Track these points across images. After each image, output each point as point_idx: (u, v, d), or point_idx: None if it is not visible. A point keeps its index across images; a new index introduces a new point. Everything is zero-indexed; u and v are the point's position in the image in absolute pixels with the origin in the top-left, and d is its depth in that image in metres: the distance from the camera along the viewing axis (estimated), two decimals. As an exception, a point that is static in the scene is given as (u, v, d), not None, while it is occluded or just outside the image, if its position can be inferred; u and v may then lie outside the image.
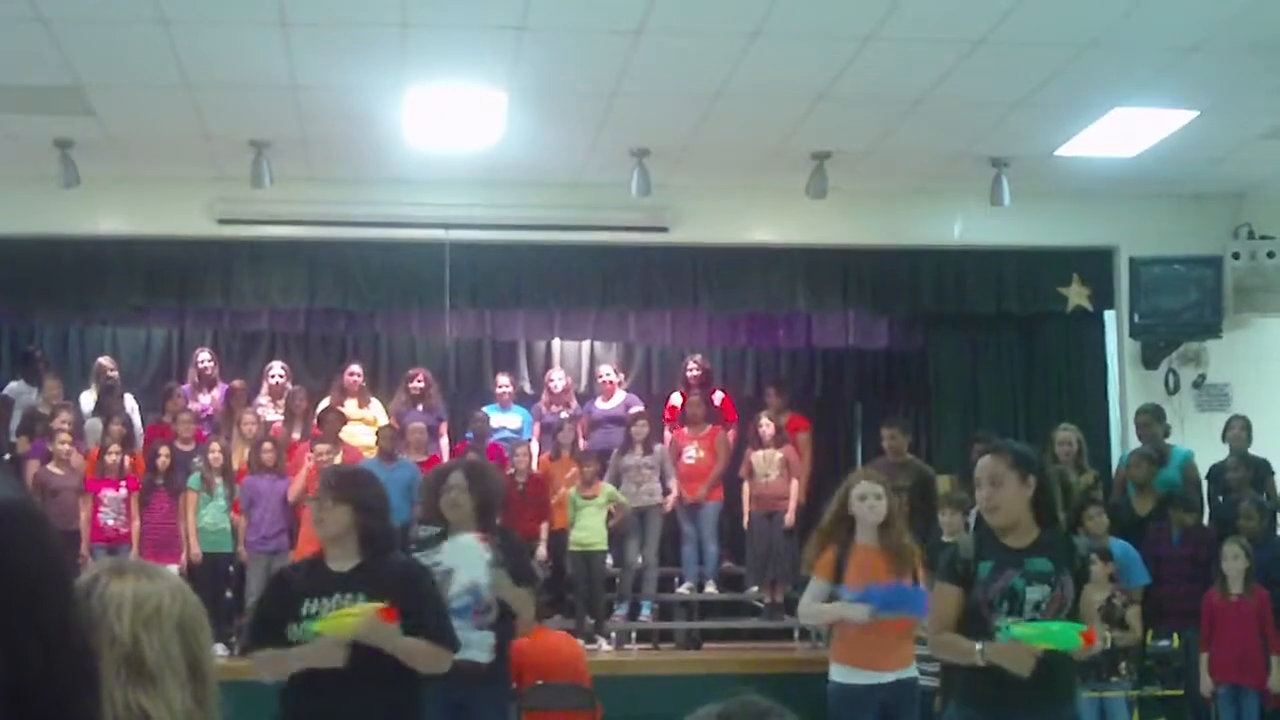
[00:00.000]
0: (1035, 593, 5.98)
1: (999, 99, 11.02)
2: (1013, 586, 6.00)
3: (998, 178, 12.59)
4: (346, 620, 5.66)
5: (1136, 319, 13.85)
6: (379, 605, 5.70)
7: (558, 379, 14.57)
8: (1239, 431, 12.60)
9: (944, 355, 14.80)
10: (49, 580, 1.66)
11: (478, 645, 7.06)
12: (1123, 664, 10.57)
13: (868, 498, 7.91)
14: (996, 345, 14.65)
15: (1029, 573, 6.02)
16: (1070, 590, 6.06)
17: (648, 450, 13.41)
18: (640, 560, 13.30)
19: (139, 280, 13.62)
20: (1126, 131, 11.84)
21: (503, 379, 14.61)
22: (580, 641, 11.58)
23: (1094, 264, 14.21)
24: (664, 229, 13.57)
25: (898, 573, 7.80)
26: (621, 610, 13.30)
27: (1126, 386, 14.14)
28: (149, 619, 2.53)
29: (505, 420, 14.17)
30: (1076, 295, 14.15)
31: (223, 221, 13.19)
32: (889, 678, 7.75)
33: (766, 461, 13.36)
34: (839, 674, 7.92)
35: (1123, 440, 13.83)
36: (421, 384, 13.98)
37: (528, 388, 15.53)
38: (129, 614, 2.47)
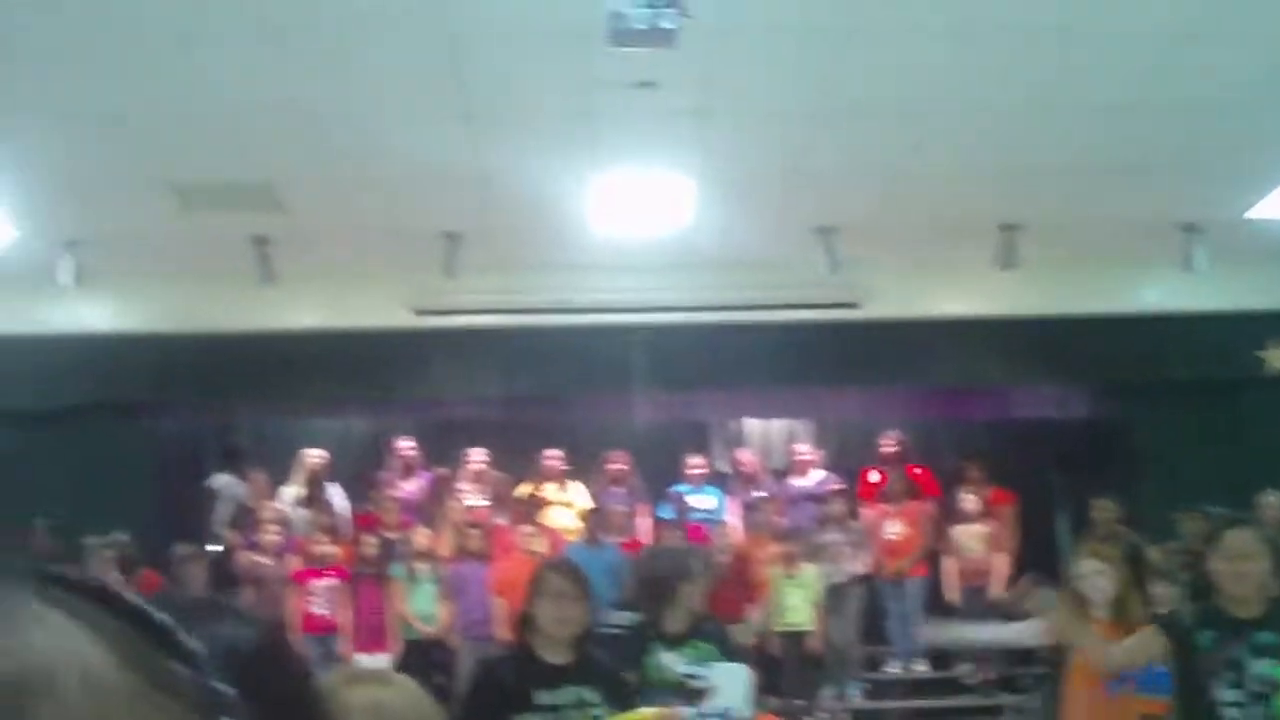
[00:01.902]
0: (1260, 666, 5.85)
1: (1187, 163, 10.83)
2: (1237, 659, 5.87)
3: (1190, 243, 12.38)
4: None
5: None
6: (668, 711, 5.90)
7: (751, 458, 14.53)
8: None
9: (1144, 424, 14.53)
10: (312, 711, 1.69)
11: None
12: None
13: (1089, 576, 7.76)
14: (1197, 412, 14.32)
15: (1255, 645, 5.88)
16: (1299, 664, 5.91)
17: (846, 527, 13.32)
18: (842, 639, 13.18)
19: (337, 373, 13.87)
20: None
21: (695, 459, 14.61)
22: (787, 723, 11.50)
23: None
24: (854, 305, 13.52)
25: None
26: (830, 691, 13.18)
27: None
28: None
29: (700, 501, 14.16)
30: (1275, 358, 13.84)
31: (419, 312, 13.39)
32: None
33: (970, 536, 13.20)
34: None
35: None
36: (620, 466, 14.04)
37: (721, 467, 15.51)
38: None
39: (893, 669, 13.67)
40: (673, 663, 7.02)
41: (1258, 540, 6.07)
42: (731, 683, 7.00)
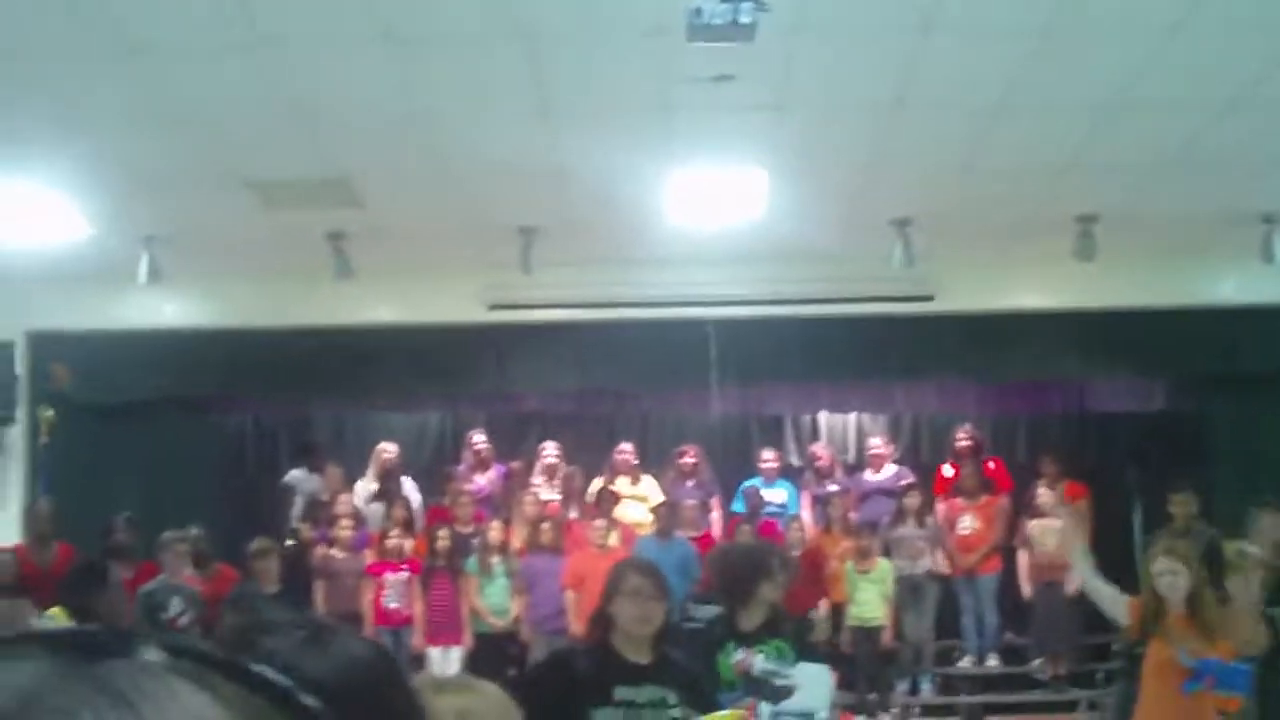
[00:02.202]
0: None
1: (1266, 152, 10.72)
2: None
3: (1268, 235, 12.26)
4: None
5: None
6: (742, 712, 5.98)
7: (825, 452, 14.51)
8: None
9: (1221, 417, 14.44)
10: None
11: None
12: None
13: (1164, 574, 7.72)
14: (1273, 405, 14.20)
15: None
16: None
17: (920, 522, 13.28)
18: (916, 633, 13.16)
19: (412, 368, 13.96)
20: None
21: (767, 453, 14.60)
22: (863, 718, 11.48)
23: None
24: (929, 298, 13.47)
25: (1209, 643, 7.58)
26: (903, 685, 13.15)
27: None
28: None
29: (771, 495, 14.15)
30: (1352, 353, 13.68)
31: (493, 307, 13.45)
32: (1189, 754, 7.52)
33: (1045, 530, 13.13)
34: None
35: None
36: (692, 460, 14.06)
37: (794, 461, 15.48)
38: None
39: (965, 663, 13.62)
40: (752, 660, 7.02)
41: None
42: (814, 683, 7.00)
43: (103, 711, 0.66)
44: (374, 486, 13.94)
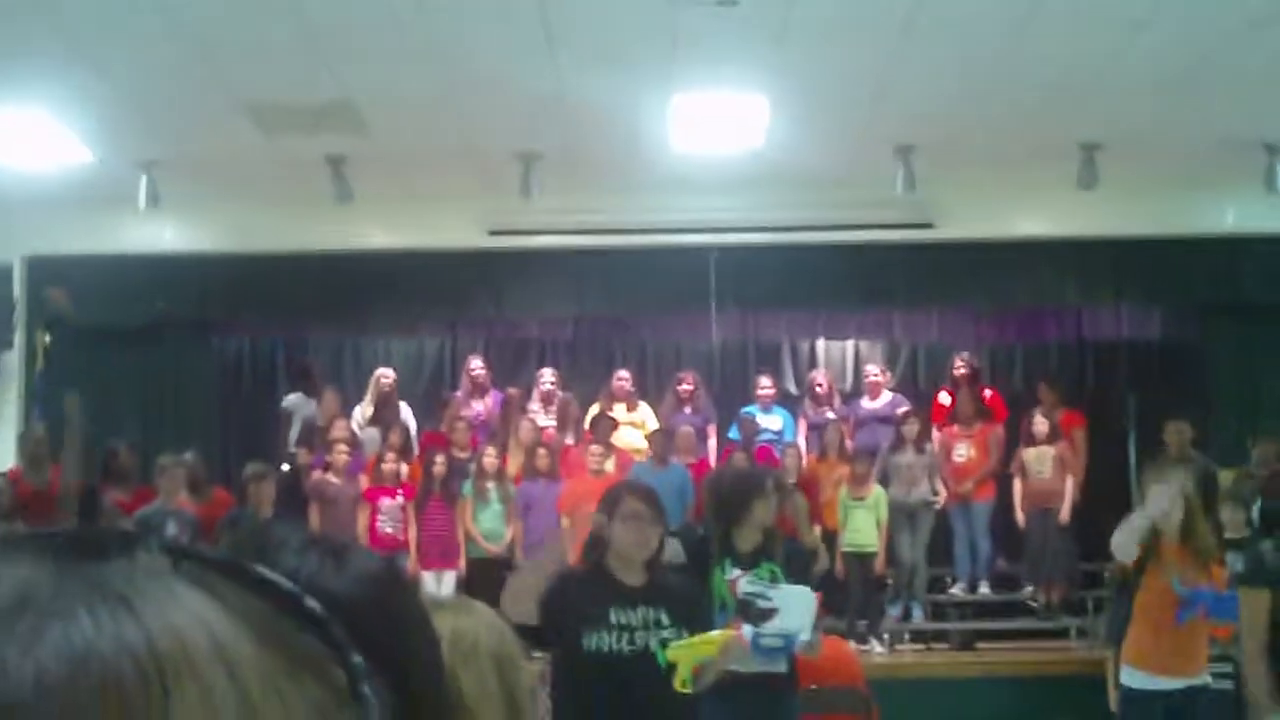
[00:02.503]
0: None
1: (1270, 81, 10.67)
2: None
3: (1272, 164, 12.23)
4: (707, 648, 5.90)
5: None
6: (733, 632, 6.08)
7: (821, 380, 14.51)
8: None
9: (1220, 346, 14.47)
10: (427, 635, 1.71)
11: (776, 659, 7.13)
12: None
13: (1160, 499, 7.73)
14: (1273, 335, 14.20)
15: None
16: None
17: (919, 449, 13.30)
18: (911, 560, 13.20)
19: (411, 293, 14.00)
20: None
21: (764, 380, 14.58)
22: (853, 644, 11.53)
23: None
24: (929, 225, 13.46)
25: (1202, 571, 7.61)
26: (895, 611, 13.22)
27: None
28: (467, 655, 2.59)
29: (768, 422, 14.13)
30: (1355, 282, 13.68)
31: (493, 233, 13.44)
32: (1181, 684, 7.55)
33: (1040, 459, 13.16)
34: (1129, 677, 7.76)
35: None
36: (689, 387, 14.05)
37: (792, 389, 15.48)
38: (447, 650, 2.52)
39: (957, 590, 13.67)
40: (739, 582, 7.06)
41: None
42: (795, 606, 7.02)
43: (99, 611, 0.65)
44: (370, 411, 13.94)
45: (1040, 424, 13.28)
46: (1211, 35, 9.69)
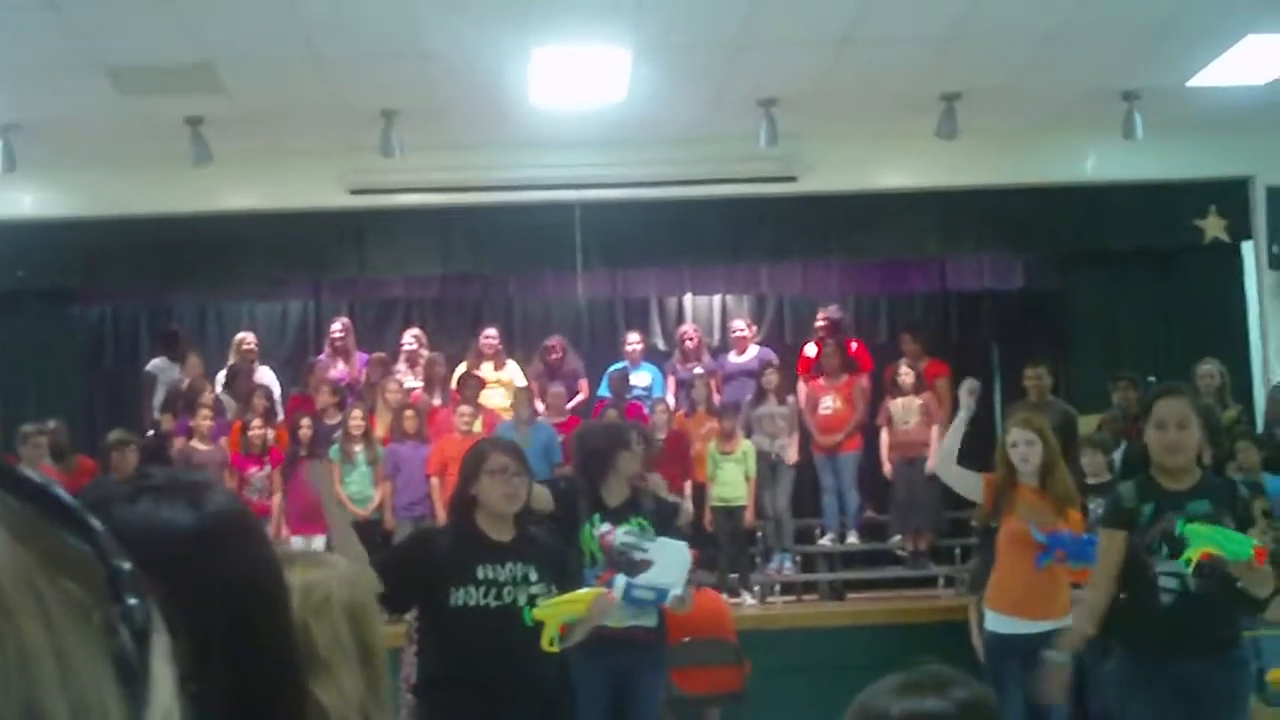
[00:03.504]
0: (1184, 526, 5.88)
1: (1130, 30, 10.81)
2: (1170, 530, 5.92)
3: (1130, 111, 12.39)
4: (574, 606, 5.92)
5: (1275, 249, 13.61)
6: (602, 590, 6.14)
7: (690, 335, 14.55)
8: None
9: (1081, 294, 14.65)
10: (275, 586, 1.68)
11: (646, 613, 7.18)
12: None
13: (1019, 445, 7.83)
14: (1134, 282, 14.42)
15: (1188, 515, 5.93)
16: (1232, 532, 5.96)
17: (781, 401, 13.38)
18: (775, 512, 13.28)
19: (274, 254, 13.83)
20: (1259, 59, 11.58)
21: (633, 336, 14.59)
22: (724, 596, 11.60)
23: (1230, 195, 13.97)
24: (793, 178, 13.50)
25: (1060, 516, 7.71)
26: (772, 565, 13.30)
27: (1267, 318, 13.89)
28: (319, 608, 2.57)
29: (637, 378, 14.16)
30: (1213, 227, 13.92)
31: (355, 192, 13.32)
32: (1043, 627, 7.66)
33: (906, 409, 13.28)
34: (992, 622, 7.88)
35: (1265, 373, 13.59)
36: (558, 354, 14.03)
37: (660, 344, 15.52)
38: (298, 603, 2.50)
39: (826, 541, 13.78)
40: (613, 533, 7.09)
41: (1189, 408, 6.08)
42: (671, 559, 7.06)
43: None
44: (229, 376, 13.80)
45: (905, 375, 13.40)
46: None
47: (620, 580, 6.73)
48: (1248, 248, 14.11)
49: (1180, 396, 6.15)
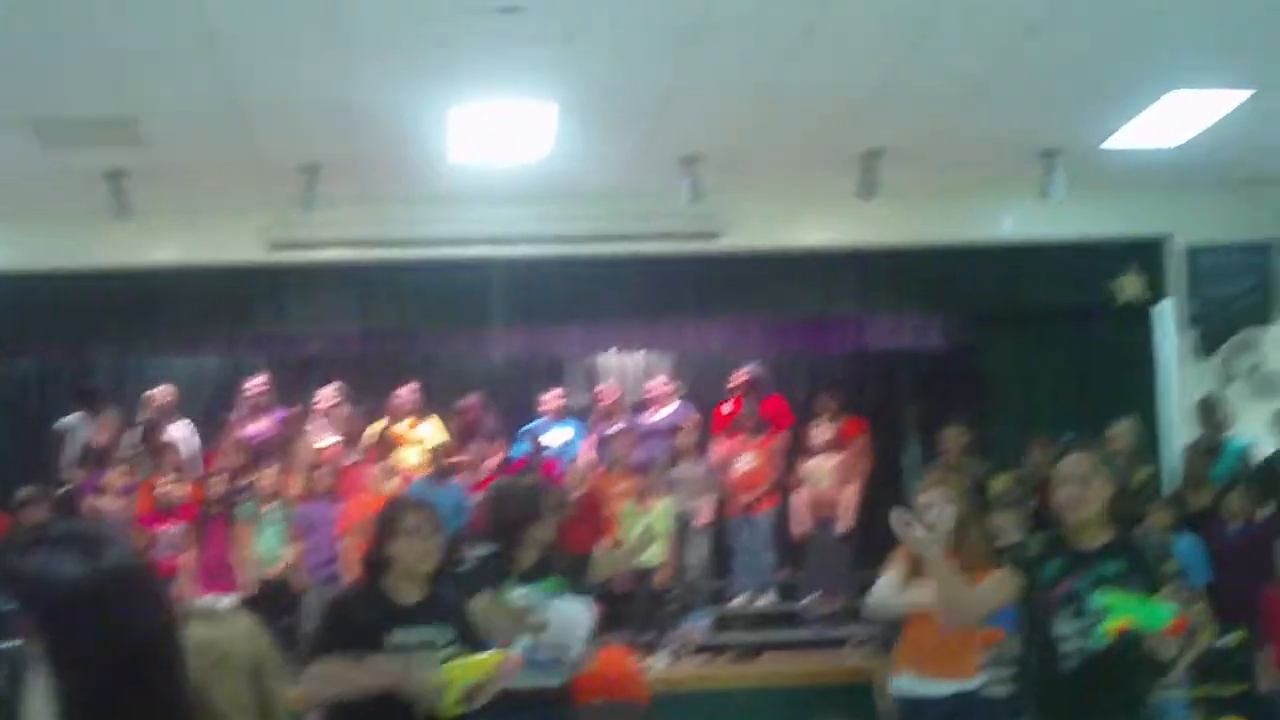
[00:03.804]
0: (1100, 597, 5.89)
1: (1050, 90, 10.86)
2: (1078, 590, 5.93)
3: (1048, 171, 12.48)
4: (479, 669, 5.91)
5: (1191, 308, 13.78)
6: (507, 654, 6.12)
7: (609, 392, 14.55)
8: (1283, 424, 12.53)
9: (998, 353, 14.75)
10: (166, 641, 1.68)
11: (549, 673, 7.17)
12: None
13: (931, 508, 7.82)
14: (1051, 341, 14.54)
15: (1098, 575, 5.94)
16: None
17: (696, 461, 13.40)
18: (691, 572, 13.27)
19: (193, 309, 13.73)
20: (1178, 117, 11.66)
21: (551, 394, 14.58)
22: (636, 657, 11.57)
23: (1147, 254, 14.14)
24: (714, 235, 13.53)
25: (972, 578, 7.71)
26: (688, 624, 13.27)
27: (1181, 379, 14.04)
28: (215, 664, 2.56)
29: (554, 436, 14.15)
30: (1130, 286, 14.06)
31: (275, 247, 13.25)
32: (950, 688, 7.68)
33: (820, 469, 13.33)
34: (900, 683, 7.88)
35: (1181, 433, 13.71)
36: (474, 414, 13.99)
37: (579, 402, 15.50)
38: (195, 660, 2.48)
39: (740, 601, 13.78)
40: (514, 595, 7.08)
41: (1095, 464, 6.07)
42: (568, 620, 7.07)
43: None
44: (141, 433, 13.69)
45: (820, 433, 13.44)
46: (988, 44, 9.82)
47: (522, 644, 6.73)
48: (1163, 306, 14.26)
49: (1083, 453, 6.17)
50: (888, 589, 7.98)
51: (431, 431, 13.85)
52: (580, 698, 9.23)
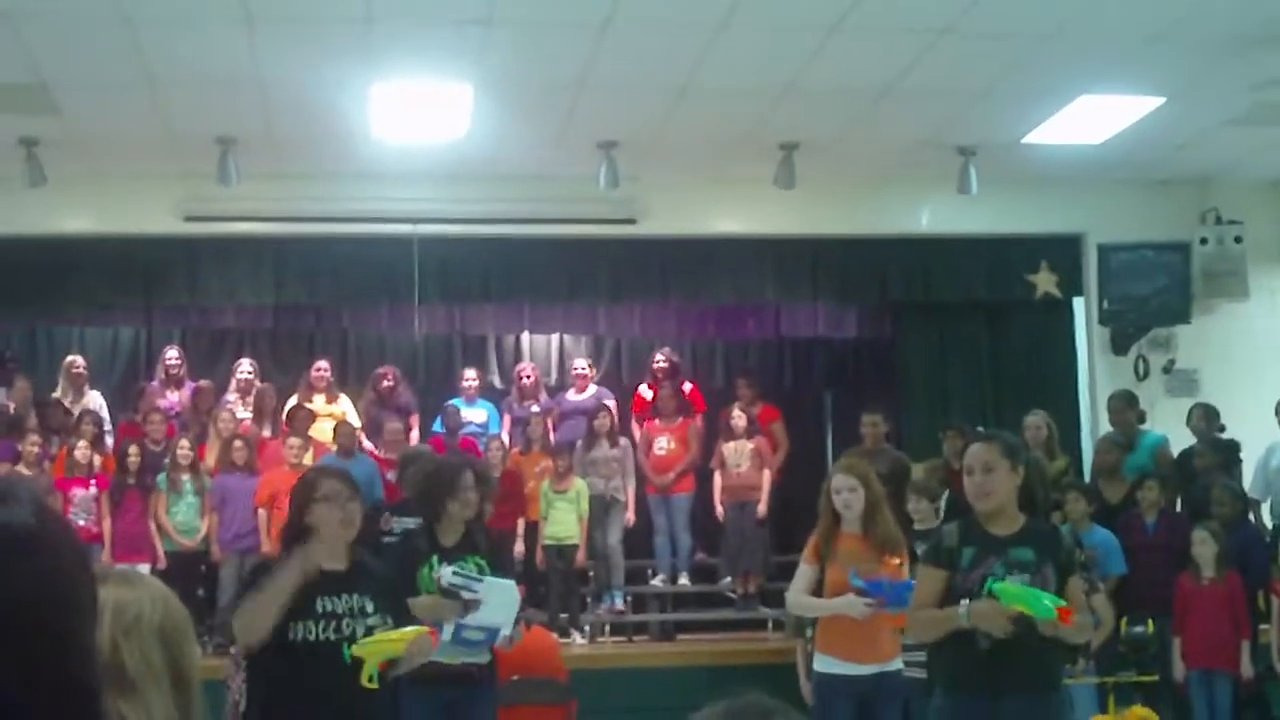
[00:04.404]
0: (1015, 582, 5.98)
1: (965, 87, 11.03)
2: (992, 574, 6.01)
3: (965, 166, 12.59)
4: (394, 645, 5.87)
5: (1105, 305, 13.89)
6: (425, 629, 6.02)
7: (528, 373, 14.53)
8: (1199, 420, 12.65)
9: (912, 344, 14.87)
10: (77, 600, 1.64)
11: (478, 651, 7.18)
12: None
13: (841, 491, 7.89)
14: (965, 333, 14.70)
15: (1010, 561, 6.05)
16: (1053, 580, 6.07)
17: (614, 443, 13.42)
18: (607, 552, 13.29)
19: (106, 279, 13.60)
20: (1093, 118, 11.86)
21: (469, 373, 14.52)
22: (554, 635, 11.57)
23: (1062, 251, 14.27)
24: (632, 221, 13.54)
25: (881, 562, 7.78)
26: (603, 604, 13.29)
27: (1096, 373, 14.18)
28: (129, 628, 2.51)
29: (472, 415, 14.11)
30: (1044, 282, 14.18)
31: (189, 219, 13.13)
32: (871, 670, 7.74)
33: (738, 452, 13.37)
34: (822, 664, 7.92)
35: (1094, 428, 13.84)
36: (390, 383, 13.93)
37: (497, 382, 15.48)
38: (108, 622, 2.45)
39: (658, 582, 13.83)
40: (444, 573, 7.06)
41: (999, 453, 6.18)
42: (500, 598, 7.06)
43: None
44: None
45: (738, 418, 13.49)
46: (905, 39, 9.93)
47: (447, 627, 6.73)
48: (1078, 303, 14.39)
49: (988, 442, 6.29)
50: (804, 582, 8.01)
51: (346, 407, 13.78)
52: (500, 674, 9.26)
